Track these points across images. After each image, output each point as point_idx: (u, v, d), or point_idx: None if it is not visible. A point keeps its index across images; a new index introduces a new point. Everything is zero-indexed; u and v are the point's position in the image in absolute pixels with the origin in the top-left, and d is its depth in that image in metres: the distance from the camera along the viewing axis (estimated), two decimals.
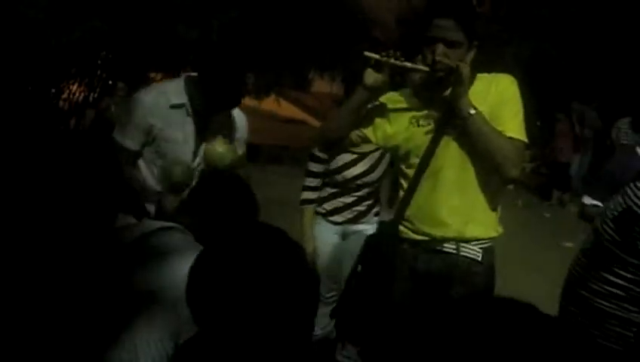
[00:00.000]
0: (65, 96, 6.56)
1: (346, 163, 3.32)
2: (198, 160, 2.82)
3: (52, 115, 5.94)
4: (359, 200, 3.41)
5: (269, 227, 1.44)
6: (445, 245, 2.49)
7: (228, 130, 2.90)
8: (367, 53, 2.42)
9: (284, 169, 7.84)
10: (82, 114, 6.56)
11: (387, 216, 3.40)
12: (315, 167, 3.39)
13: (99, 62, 6.33)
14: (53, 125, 5.69)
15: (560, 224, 9.09)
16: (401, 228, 2.61)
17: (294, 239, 1.38)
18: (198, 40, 3.01)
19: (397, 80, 2.60)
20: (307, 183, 3.42)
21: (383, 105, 2.63)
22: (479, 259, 2.50)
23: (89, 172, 1.69)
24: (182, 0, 2.89)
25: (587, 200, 3.00)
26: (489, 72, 2.55)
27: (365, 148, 3.34)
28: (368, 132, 2.63)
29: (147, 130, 2.70)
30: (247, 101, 10.94)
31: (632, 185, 2.30)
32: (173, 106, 2.74)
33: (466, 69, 2.34)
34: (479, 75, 2.50)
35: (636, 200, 2.24)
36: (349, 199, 3.39)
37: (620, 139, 6.87)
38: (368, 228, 3.43)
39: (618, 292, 2.23)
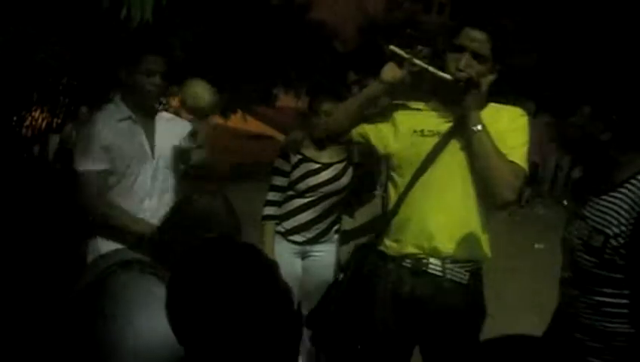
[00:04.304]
0: (27, 123, 6.47)
1: (309, 170, 3.32)
2: (158, 160, 3.03)
3: (15, 142, 5.85)
4: (321, 216, 3.39)
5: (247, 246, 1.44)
6: (431, 266, 2.45)
7: (173, 136, 3.09)
8: (392, 48, 2.37)
9: (254, 185, 7.79)
10: (46, 140, 6.46)
11: (347, 225, 3.41)
12: (278, 181, 3.37)
13: (61, 87, 6.25)
14: (16, 153, 5.60)
15: (530, 226, 9.19)
16: (387, 241, 2.55)
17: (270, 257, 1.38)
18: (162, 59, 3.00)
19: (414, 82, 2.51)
20: (270, 198, 3.40)
21: (392, 109, 2.59)
22: (465, 282, 2.44)
23: (54, 198, 1.66)
24: (142, 22, 2.87)
25: None
26: None
27: (329, 159, 3.35)
28: (370, 130, 2.58)
29: (106, 146, 2.82)
30: (214, 118, 10.87)
31: (587, 206, 2.21)
32: (121, 120, 2.94)
33: (485, 84, 2.34)
34: (491, 103, 2.47)
35: (597, 218, 2.15)
36: (311, 215, 3.37)
37: None
38: (328, 248, 3.42)
39: (618, 311, 2.13)
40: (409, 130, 2.54)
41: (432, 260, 2.47)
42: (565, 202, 10.00)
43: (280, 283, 1.38)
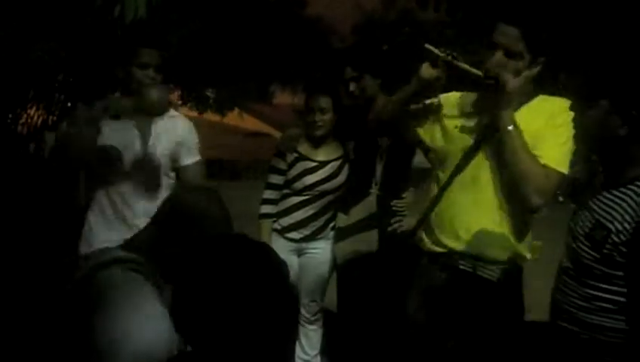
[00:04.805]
0: (23, 120, 6.46)
1: (306, 169, 3.31)
2: (147, 162, 2.95)
3: (11, 140, 5.84)
4: (318, 214, 3.38)
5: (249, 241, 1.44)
6: (462, 262, 2.44)
7: (171, 134, 3.03)
8: (427, 46, 2.37)
9: (250, 183, 7.79)
10: (42, 138, 6.45)
11: (342, 222, 3.40)
12: (275, 179, 3.36)
13: (56, 84, 6.23)
14: (12, 150, 5.58)
15: None
16: (423, 236, 2.57)
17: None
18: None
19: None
20: (266, 196, 3.40)
21: (438, 105, 2.57)
22: (495, 280, 2.42)
23: (49, 195, 1.66)
24: (140, 20, 2.86)
25: None
26: None
27: (325, 157, 3.34)
28: (420, 130, 2.60)
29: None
30: (211, 116, 10.86)
31: (595, 198, 2.19)
32: (113, 117, 2.91)
33: (512, 84, 2.26)
34: (540, 95, 2.42)
35: (603, 212, 2.13)
36: (307, 213, 3.36)
37: None
38: (324, 245, 3.42)
39: (610, 306, 2.11)
40: (451, 126, 2.54)
41: (462, 258, 2.45)
42: (561, 199, 10.04)
43: (288, 283, 1.39)
